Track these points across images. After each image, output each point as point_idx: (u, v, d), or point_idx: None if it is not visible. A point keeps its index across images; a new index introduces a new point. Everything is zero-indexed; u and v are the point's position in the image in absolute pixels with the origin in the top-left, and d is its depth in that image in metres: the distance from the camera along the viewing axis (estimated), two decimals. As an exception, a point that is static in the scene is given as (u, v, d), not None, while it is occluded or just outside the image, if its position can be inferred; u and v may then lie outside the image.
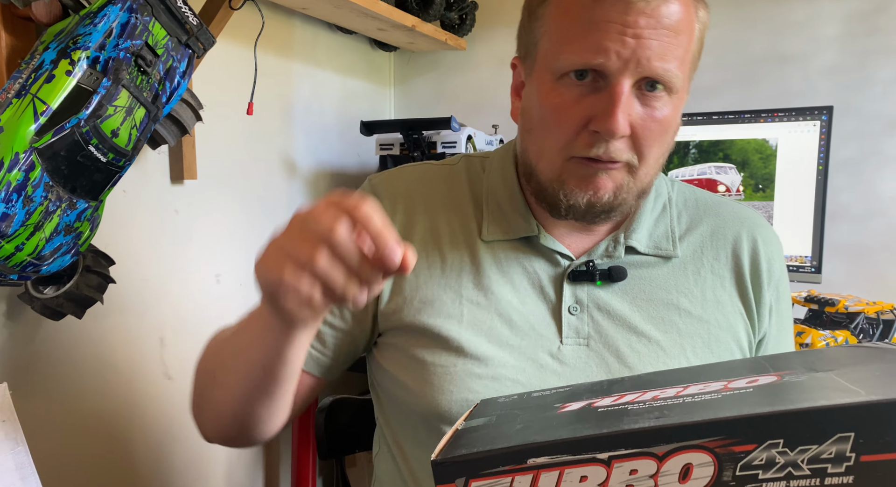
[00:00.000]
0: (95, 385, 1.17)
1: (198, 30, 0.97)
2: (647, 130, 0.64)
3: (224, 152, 1.42)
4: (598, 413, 0.40)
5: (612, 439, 0.36)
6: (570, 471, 0.36)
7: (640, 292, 0.71)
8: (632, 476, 0.36)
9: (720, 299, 0.72)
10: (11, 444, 0.60)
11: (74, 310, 1.02)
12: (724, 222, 0.76)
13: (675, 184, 0.79)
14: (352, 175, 1.88)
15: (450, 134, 1.60)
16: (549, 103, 0.65)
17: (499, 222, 0.73)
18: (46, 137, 0.80)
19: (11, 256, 0.83)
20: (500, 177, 0.76)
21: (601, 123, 0.61)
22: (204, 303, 1.38)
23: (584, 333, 0.70)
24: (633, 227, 0.73)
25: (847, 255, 1.60)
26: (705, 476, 0.35)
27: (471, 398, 0.67)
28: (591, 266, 0.71)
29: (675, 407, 0.38)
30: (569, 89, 0.63)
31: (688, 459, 0.35)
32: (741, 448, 0.35)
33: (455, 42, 1.88)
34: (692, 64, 0.68)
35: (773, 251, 0.76)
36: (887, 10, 1.54)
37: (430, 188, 0.77)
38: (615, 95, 0.61)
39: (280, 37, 1.59)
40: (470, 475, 0.37)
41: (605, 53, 0.60)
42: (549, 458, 0.37)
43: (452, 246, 0.73)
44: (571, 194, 0.66)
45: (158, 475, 1.30)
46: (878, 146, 1.57)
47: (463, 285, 0.71)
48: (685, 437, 0.35)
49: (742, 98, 1.67)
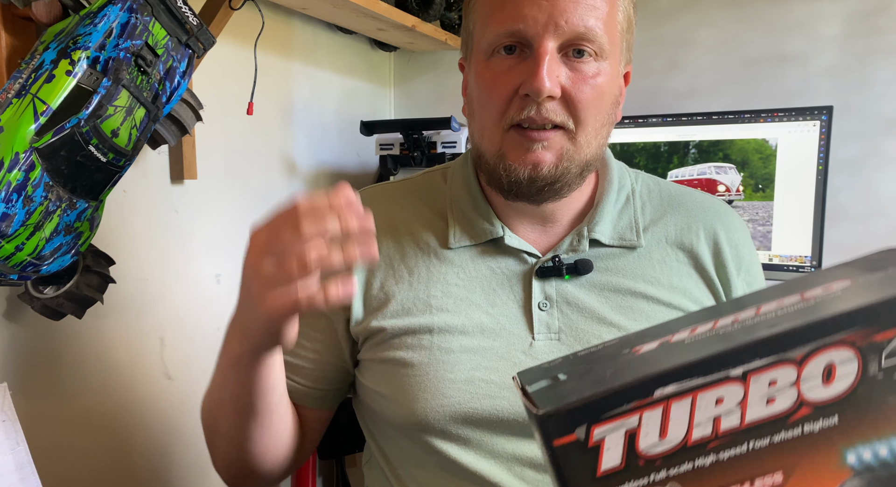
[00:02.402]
0: (95, 385, 1.17)
1: (198, 30, 0.97)
2: (580, 91, 0.65)
3: (224, 152, 1.42)
4: (707, 337, 0.36)
5: (745, 350, 0.32)
6: (704, 395, 0.33)
7: (607, 283, 0.72)
8: (771, 388, 0.33)
9: (687, 287, 0.73)
10: (11, 444, 0.60)
11: (74, 310, 1.03)
12: (688, 213, 0.77)
13: (639, 176, 0.80)
14: (352, 175, 1.88)
15: (450, 134, 1.60)
16: (483, 81, 0.67)
17: (464, 228, 0.74)
18: (46, 137, 0.81)
19: (11, 256, 0.83)
20: (462, 183, 0.77)
21: (528, 85, 0.63)
22: (204, 303, 1.38)
23: (554, 328, 0.70)
24: (596, 220, 0.74)
25: (847, 255, 1.59)
26: (850, 373, 0.32)
27: (445, 403, 0.67)
28: (557, 261, 0.71)
29: (785, 316, 0.35)
30: (498, 63, 0.66)
31: (829, 358, 0.32)
32: (882, 336, 0.32)
33: (455, 42, 1.88)
34: (621, 35, 0.69)
35: (740, 238, 0.77)
36: (887, 10, 1.54)
37: (391, 207, 0.78)
38: (538, 57, 0.63)
39: (280, 37, 1.59)
40: (592, 420, 0.33)
41: (522, 19, 0.63)
42: (679, 385, 0.33)
43: (418, 259, 0.74)
44: (511, 170, 0.67)
45: (158, 475, 1.30)
46: (878, 146, 1.57)
47: (432, 295, 0.72)
48: (823, 333, 0.32)
49: (742, 98, 1.67)
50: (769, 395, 0.33)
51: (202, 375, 1.37)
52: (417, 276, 0.73)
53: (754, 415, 0.33)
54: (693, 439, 0.33)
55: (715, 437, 0.33)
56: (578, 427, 0.33)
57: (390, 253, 0.75)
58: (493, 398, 0.67)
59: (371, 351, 0.74)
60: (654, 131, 1.56)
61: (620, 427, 0.33)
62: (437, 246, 0.74)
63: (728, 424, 0.33)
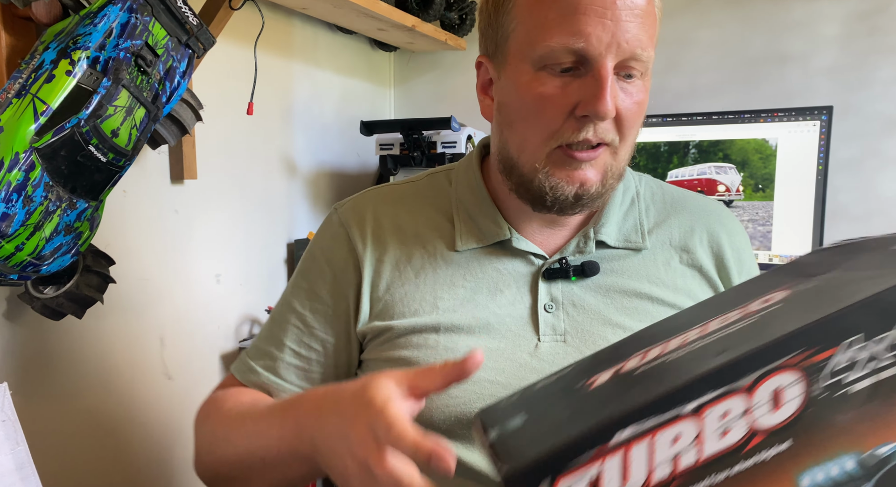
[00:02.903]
0: (95, 385, 1.17)
1: (198, 30, 0.97)
2: (629, 111, 0.65)
3: (224, 152, 1.42)
4: (657, 366, 0.37)
5: (696, 384, 0.33)
6: (661, 434, 0.33)
7: (613, 285, 0.72)
8: (725, 420, 0.33)
9: (690, 289, 0.73)
10: (11, 444, 0.60)
11: (74, 310, 1.03)
12: (691, 216, 0.77)
13: (642, 178, 0.80)
14: (352, 175, 1.88)
15: (450, 134, 1.60)
16: (532, 94, 0.65)
17: (471, 230, 0.74)
18: (46, 137, 0.80)
19: (11, 256, 0.83)
20: (467, 185, 0.77)
21: (591, 107, 0.62)
22: (204, 303, 1.38)
23: (560, 329, 0.70)
24: (602, 222, 0.74)
25: (847, 255, 1.60)
26: (797, 395, 0.33)
27: (450, 403, 0.67)
28: (564, 263, 0.71)
29: (728, 338, 0.35)
30: (551, 78, 0.64)
31: (776, 383, 0.33)
32: (823, 356, 0.33)
33: (455, 42, 1.88)
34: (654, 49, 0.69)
35: (741, 242, 0.77)
36: (887, 10, 1.54)
37: (397, 209, 0.78)
38: (602, 78, 0.61)
39: (280, 37, 1.59)
40: (555, 472, 0.33)
41: (586, 37, 0.61)
42: (636, 426, 0.33)
43: (425, 261, 0.74)
44: (558, 187, 0.66)
45: (158, 474, 1.30)
46: (878, 146, 1.57)
47: (438, 296, 0.71)
48: (769, 359, 0.33)
49: (742, 98, 1.67)
50: (723, 427, 0.33)
51: (202, 375, 1.37)
52: (424, 278, 0.73)
53: (711, 450, 0.33)
54: (653, 481, 0.34)
55: (674, 478, 0.34)
56: (543, 480, 0.34)
57: (397, 255, 0.74)
58: (497, 398, 0.67)
59: (376, 351, 0.73)
60: (654, 131, 1.56)
61: (583, 478, 0.34)
62: (444, 249, 0.74)
63: (686, 462, 0.33)
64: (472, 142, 1.64)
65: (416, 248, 0.75)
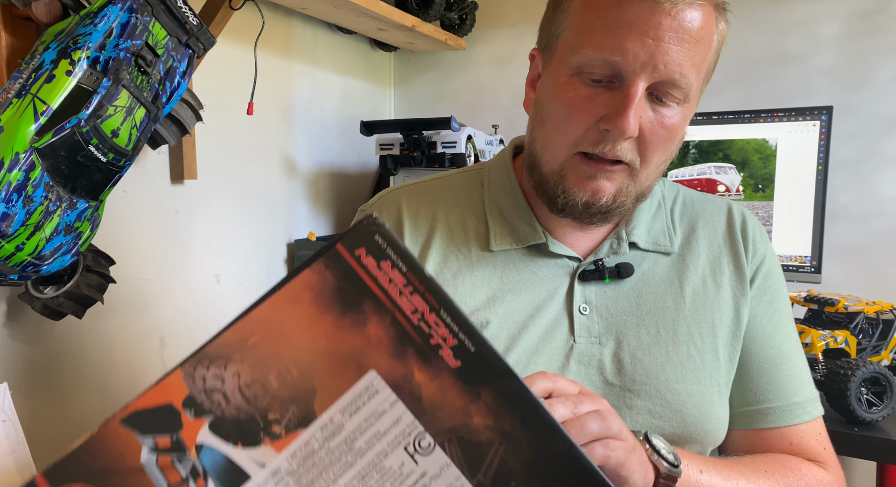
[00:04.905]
0: (95, 385, 1.17)
1: (198, 30, 0.97)
2: (654, 134, 0.64)
3: (224, 152, 1.42)
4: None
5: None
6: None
7: (645, 287, 0.73)
8: None
9: (720, 284, 0.74)
10: (12, 444, 0.60)
11: (74, 310, 1.02)
12: (712, 215, 0.78)
13: (664, 182, 0.81)
14: (352, 175, 1.88)
15: (450, 134, 1.60)
16: (563, 97, 0.65)
17: (505, 231, 0.74)
18: (47, 137, 0.80)
19: (12, 256, 0.83)
20: (500, 187, 0.77)
21: (612, 122, 0.62)
22: (204, 303, 1.38)
23: (595, 331, 0.71)
24: (634, 224, 0.74)
25: (847, 255, 1.60)
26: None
27: None
28: (599, 265, 0.72)
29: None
30: (584, 85, 0.64)
31: None
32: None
33: (455, 42, 1.88)
34: (707, 75, 0.68)
35: (756, 233, 0.77)
36: (887, 10, 1.54)
37: (431, 208, 0.78)
38: (629, 96, 0.61)
39: (280, 37, 1.59)
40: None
41: (622, 52, 0.60)
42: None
43: (461, 263, 0.74)
44: (570, 192, 0.67)
45: (158, 475, 1.30)
46: (878, 146, 1.57)
47: (476, 297, 0.72)
48: None
49: (742, 98, 1.67)
50: None
51: (202, 375, 1.37)
52: (462, 280, 0.73)
53: None
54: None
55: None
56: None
57: (434, 256, 0.75)
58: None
59: None
60: (654, 131, 1.55)
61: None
62: (479, 249, 0.75)
63: None
64: (472, 142, 1.64)
65: (451, 249, 0.75)
